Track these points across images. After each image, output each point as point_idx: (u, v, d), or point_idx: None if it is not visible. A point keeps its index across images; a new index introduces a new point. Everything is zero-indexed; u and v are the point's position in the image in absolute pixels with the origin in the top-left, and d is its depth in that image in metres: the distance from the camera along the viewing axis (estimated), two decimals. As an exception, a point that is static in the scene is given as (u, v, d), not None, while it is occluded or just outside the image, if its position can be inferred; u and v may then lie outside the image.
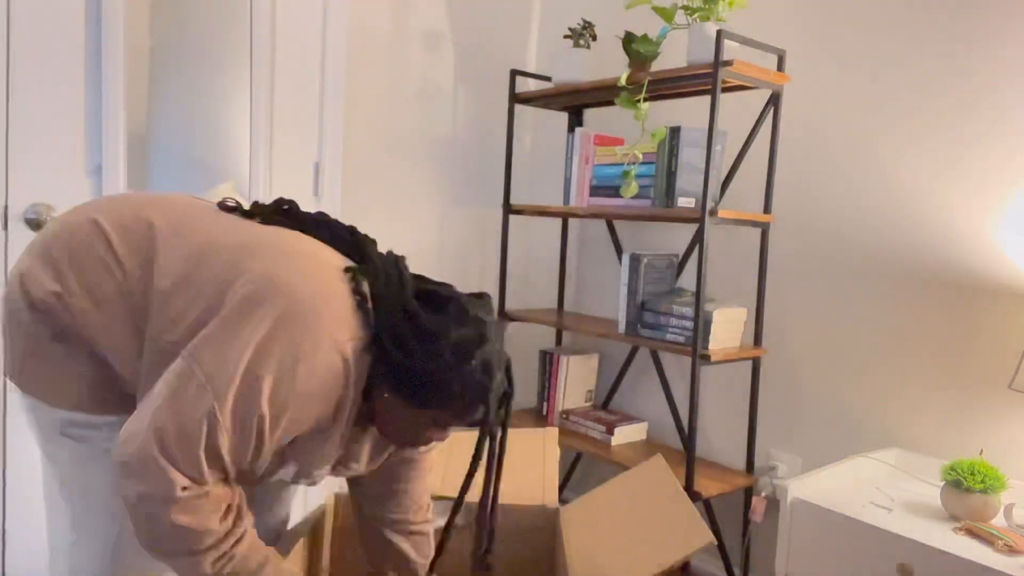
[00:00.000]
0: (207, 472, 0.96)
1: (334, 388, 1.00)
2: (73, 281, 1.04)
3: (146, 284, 1.04)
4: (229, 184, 1.98)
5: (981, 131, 1.72)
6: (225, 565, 1.00)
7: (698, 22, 1.92)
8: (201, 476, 0.95)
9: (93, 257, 1.05)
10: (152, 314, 1.03)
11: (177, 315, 1.02)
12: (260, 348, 0.95)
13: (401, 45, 2.39)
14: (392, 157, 2.40)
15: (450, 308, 1.06)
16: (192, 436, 0.94)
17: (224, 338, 0.96)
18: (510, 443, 1.57)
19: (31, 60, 1.64)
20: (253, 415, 0.95)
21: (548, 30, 2.73)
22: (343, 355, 0.99)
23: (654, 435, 2.45)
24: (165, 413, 0.94)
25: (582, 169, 2.28)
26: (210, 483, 0.97)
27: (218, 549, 0.99)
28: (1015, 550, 1.32)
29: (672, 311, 2.04)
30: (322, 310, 0.99)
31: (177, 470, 0.94)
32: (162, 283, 1.03)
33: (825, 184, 2.01)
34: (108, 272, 1.04)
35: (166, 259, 1.04)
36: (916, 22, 1.82)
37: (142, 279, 1.04)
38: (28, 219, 1.66)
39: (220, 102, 1.95)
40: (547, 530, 1.46)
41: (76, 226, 1.08)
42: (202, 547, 0.98)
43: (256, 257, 1.03)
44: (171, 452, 0.93)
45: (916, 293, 1.83)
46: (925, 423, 1.82)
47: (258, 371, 0.95)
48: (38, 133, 1.67)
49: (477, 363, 1.03)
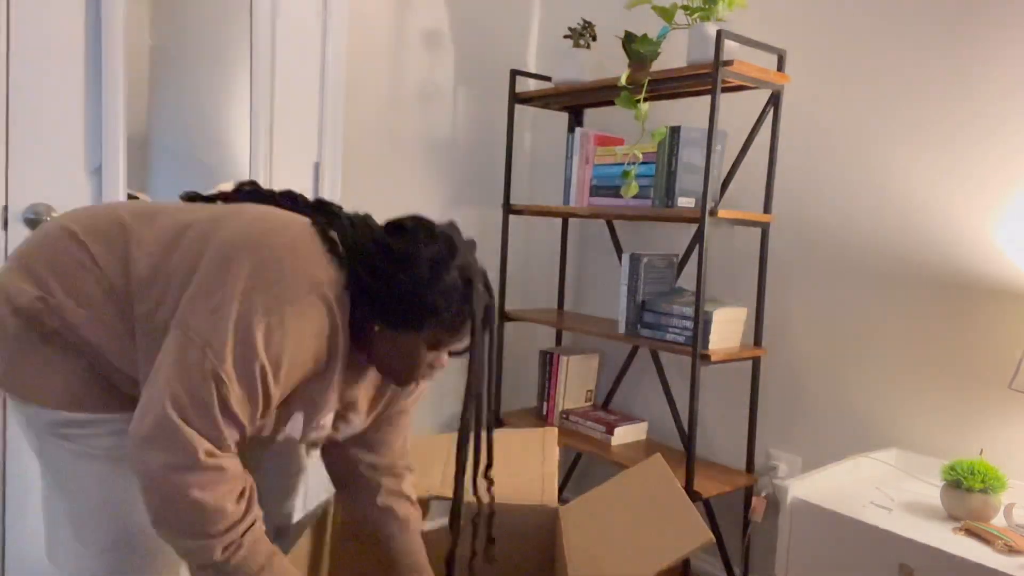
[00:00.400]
0: (225, 432, 0.98)
1: (323, 327, 1.03)
2: (56, 287, 1.06)
3: (126, 276, 1.06)
4: (229, 184, 1.98)
5: (981, 131, 1.72)
6: (234, 554, 1.01)
7: (698, 22, 1.92)
8: (221, 437, 0.98)
9: (72, 262, 1.07)
10: (137, 301, 1.05)
11: (160, 296, 1.04)
12: (244, 299, 0.98)
13: (401, 45, 2.39)
14: (392, 157, 2.40)
15: (418, 230, 1.09)
16: (205, 399, 0.96)
17: (208, 298, 0.99)
18: (510, 443, 1.63)
19: (31, 60, 1.64)
20: (254, 366, 0.98)
21: (548, 30, 2.74)
22: (324, 296, 1.02)
23: (654, 435, 2.45)
24: (175, 382, 0.96)
25: (582, 169, 2.28)
26: (231, 447, 1.00)
27: (230, 535, 1.00)
28: (1015, 550, 1.32)
29: (672, 311, 2.04)
30: (296, 253, 1.02)
31: (198, 434, 0.96)
32: (140, 271, 1.06)
33: (825, 184, 2.01)
34: (87, 272, 1.06)
35: (139, 248, 1.07)
36: (916, 22, 1.82)
37: (122, 272, 1.06)
38: (28, 219, 1.66)
39: (220, 102, 1.95)
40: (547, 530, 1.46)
41: (51, 236, 1.10)
42: (215, 530, 0.99)
43: (224, 224, 1.06)
44: (189, 417, 0.96)
45: (916, 293, 1.83)
46: (925, 423, 1.82)
47: (248, 321, 0.97)
48: (38, 133, 1.67)
49: (454, 273, 1.07)
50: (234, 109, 1.97)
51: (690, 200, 2.02)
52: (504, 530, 1.46)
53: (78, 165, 1.72)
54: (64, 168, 1.70)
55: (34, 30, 1.64)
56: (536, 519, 1.46)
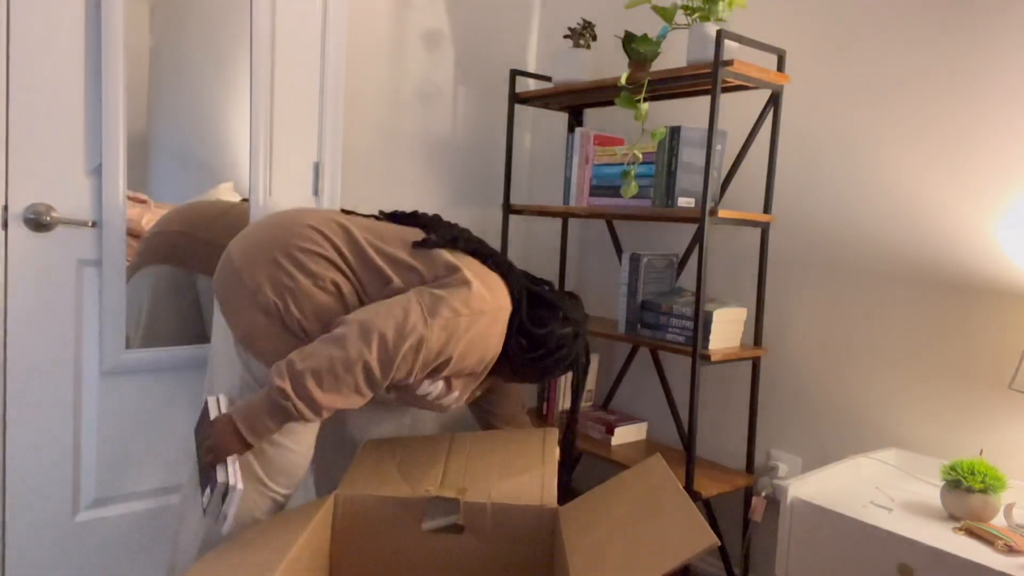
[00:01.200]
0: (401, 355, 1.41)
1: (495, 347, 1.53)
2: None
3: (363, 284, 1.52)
4: (229, 184, 1.98)
5: (982, 131, 1.72)
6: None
7: (698, 22, 1.92)
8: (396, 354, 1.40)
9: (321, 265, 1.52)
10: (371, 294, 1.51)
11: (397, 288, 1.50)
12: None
13: (401, 45, 2.39)
14: (392, 157, 2.40)
15: (555, 312, 1.61)
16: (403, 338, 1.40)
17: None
18: (509, 442, 1.70)
19: (31, 60, 1.64)
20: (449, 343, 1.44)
21: (548, 30, 2.73)
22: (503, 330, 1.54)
23: (654, 435, 2.45)
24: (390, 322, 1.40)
25: (582, 169, 2.28)
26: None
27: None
28: (1015, 550, 1.32)
29: (672, 311, 2.04)
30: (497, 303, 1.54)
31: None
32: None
33: (825, 184, 2.01)
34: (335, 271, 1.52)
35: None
36: (917, 22, 1.82)
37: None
38: (28, 219, 1.66)
39: (220, 102, 1.95)
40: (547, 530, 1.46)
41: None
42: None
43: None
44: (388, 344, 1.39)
45: (916, 293, 1.83)
46: (925, 423, 1.82)
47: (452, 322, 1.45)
48: (38, 133, 1.67)
49: (576, 348, 1.63)
50: (234, 109, 1.97)
51: (690, 200, 2.02)
52: (504, 530, 1.46)
53: (78, 165, 1.72)
54: (64, 168, 1.70)
55: (34, 30, 1.64)
56: (536, 519, 1.46)
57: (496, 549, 1.47)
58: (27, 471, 1.72)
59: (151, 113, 1.84)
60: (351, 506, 1.48)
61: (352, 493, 1.48)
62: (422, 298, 1.42)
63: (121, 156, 1.75)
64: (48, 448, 1.74)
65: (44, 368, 1.72)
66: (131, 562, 1.89)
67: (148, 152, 1.84)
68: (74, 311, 1.74)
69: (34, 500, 1.73)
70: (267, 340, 1.46)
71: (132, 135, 1.80)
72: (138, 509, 1.89)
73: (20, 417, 1.70)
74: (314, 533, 1.37)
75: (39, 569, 1.75)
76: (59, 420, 1.75)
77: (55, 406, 1.74)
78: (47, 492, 1.75)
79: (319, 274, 1.47)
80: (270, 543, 1.31)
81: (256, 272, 1.47)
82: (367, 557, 1.49)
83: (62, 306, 1.73)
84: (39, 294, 1.70)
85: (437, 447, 1.68)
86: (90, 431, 1.80)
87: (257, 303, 1.46)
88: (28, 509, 1.73)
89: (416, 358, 1.40)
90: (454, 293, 1.44)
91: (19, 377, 1.69)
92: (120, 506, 1.87)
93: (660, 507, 1.29)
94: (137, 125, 1.82)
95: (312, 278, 1.46)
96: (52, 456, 1.74)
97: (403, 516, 1.48)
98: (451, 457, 1.63)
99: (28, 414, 1.71)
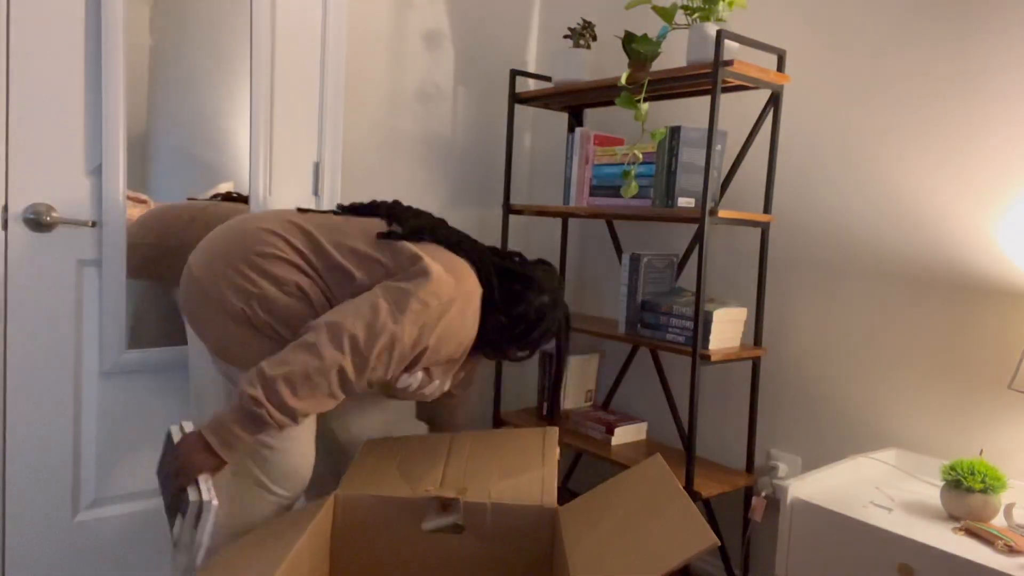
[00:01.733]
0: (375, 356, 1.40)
1: (471, 334, 1.53)
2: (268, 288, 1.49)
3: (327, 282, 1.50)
4: (229, 184, 1.98)
5: (982, 131, 1.72)
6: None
7: (698, 22, 1.92)
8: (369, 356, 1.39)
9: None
10: (336, 295, 1.48)
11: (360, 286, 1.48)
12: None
13: (401, 45, 2.39)
14: (392, 157, 2.40)
15: (530, 281, 1.60)
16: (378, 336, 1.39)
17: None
18: (509, 442, 1.70)
19: (31, 60, 1.64)
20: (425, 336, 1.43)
21: (548, 30, 2.73)
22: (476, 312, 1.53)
23: (654, 435, 2.45)
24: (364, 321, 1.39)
25: (582, 169, 2.28)
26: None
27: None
28: (1015, 550, 1.32)
29: (672, 311, 2.04)
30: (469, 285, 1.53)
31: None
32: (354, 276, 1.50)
33: (825, 184, 2.01)
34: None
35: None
36: (917, 22, 1.82)
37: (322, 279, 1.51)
38: (28, 219, 1.66)
39: (220, 102, 1.95)
40: (547, 530, 1.46)
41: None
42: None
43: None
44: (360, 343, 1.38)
45: (916, 293, 1.83)
46: (925, 423, 1.82)
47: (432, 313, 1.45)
48: (38, 133, 1.67)
49: (559, 315, 1.65)
50: (234, 109, 1.97)
51: (690, 200, 2.02)
52: (504, 530, 1.46)
53: (78, 165, 1.72)
54: (64, 168, 1.70)
55: (34, 30, 1.64)
56: (536, 519, 1.46)
57: (496, 549, 1.47)
58: (27, 471, 1.72)
59: (151, 113, 1.84)
60: (351, 506, 1.48)
61: (352, 493, 1.48)
62: (388, 294, 1.40)
63: (121, 156, 1.75)
64: (48, 448, 1.74)
65: (44, 368, 1.72)
66: (131, 562, 1.89)
67: (148, 152, 1.84)
68: (74, 311, 1.74)
69: (34, 500, 1.73)
70: (242, 346, 1.44)
71: (132, 135, 1.80)
72: (138, 509, 1.89)
73: (20, 417, 1.70)
74: (314, 533, 1.37)
75: (39, 569, 1.75)
76: (59, 420, 1.75)
77: (55, 406, 1.74)
78: (47, 492, 1.75)
79: (282, 278, 1.44)
80: (270, 544, 1.31)
81: (219, 282, 1.45)
82: (367, 557, 1.49)
83: (62, 306, 1.73)
84: (39, 294, 1.70)
85: (437, 447, 1.68)
86: (90, 431, 1.80)
87: (225, 311, 1.43)
88: (28, 509, 1.73)
89: (390, 356, 1.39)
90: (420, 284, 1.41)
91: (19, 377, 1.69)
92: (120, 506, 1.87)
93: (660, 507, 1.29)
94: (137, 125, 1.82)
95: (276, 283, 1.44)
96: (52, 456, 1.75)
97: (403, 516, 1.48)
98: (451, 457, 1.63)
99: (28, 414, 1.71)
